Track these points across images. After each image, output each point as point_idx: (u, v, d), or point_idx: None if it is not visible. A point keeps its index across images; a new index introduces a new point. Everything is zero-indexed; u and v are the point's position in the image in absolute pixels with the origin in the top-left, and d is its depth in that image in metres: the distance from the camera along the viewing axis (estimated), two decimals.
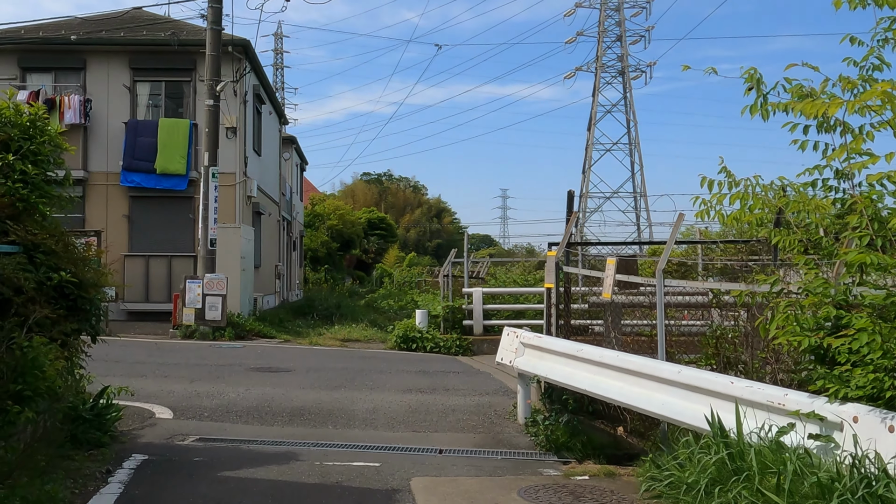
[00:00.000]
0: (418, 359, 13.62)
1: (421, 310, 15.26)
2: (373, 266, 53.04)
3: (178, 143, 19.15)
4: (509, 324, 15.30)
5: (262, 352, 14.05)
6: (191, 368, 11.47)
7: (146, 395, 9.12)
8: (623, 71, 67.83)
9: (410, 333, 14.76)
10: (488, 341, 14.77)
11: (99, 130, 19.57)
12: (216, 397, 9.13)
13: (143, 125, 19.28)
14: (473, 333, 14.86)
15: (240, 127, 19.61)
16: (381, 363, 12.77)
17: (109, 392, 7.49)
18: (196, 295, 15.91)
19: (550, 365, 7.19)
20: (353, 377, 11.02)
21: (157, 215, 19.57)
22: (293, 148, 32.05)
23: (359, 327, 18.31)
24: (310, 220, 43.14)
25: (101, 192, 19.55)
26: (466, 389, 10.25)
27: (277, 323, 18.49)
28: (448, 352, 14.48)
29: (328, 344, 15.67)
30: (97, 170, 19.53)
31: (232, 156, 19.53)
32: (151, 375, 10.73)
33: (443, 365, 12.85)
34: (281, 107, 27.40)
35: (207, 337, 15.79)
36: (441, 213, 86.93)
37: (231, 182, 19.50)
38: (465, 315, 15.10)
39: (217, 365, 11.95)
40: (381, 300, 31.18)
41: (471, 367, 12.70)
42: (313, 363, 12.50)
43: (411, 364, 12.80)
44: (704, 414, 5.07)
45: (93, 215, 19.44)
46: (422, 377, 11.24)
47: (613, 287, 7.33)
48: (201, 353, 13.63)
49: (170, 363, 12.05)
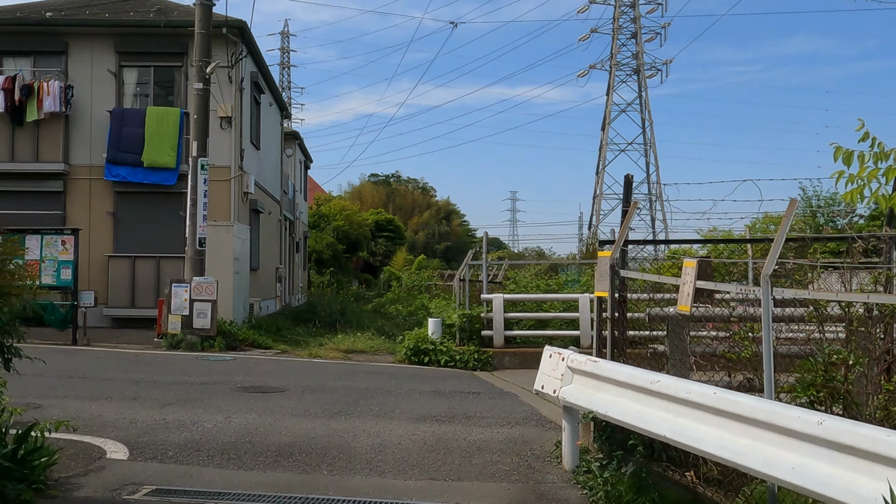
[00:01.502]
0: (432, 375, 11.92)
1: (433, 318, 13.54)
2: (380, 269, 51.38)
3: (167, 133, 17.53)
4: (535, 335, 13.64)
5: (254, 366, 12.37)
6: (167, 388, 9.80)
7: (102, 425, 7.45)
8: (638, 69, 66.03)
9: (422, 345, 13.06)
10: (510, 354, 13.07)
11: (81, 120, 17.96)
12: (188, 428, 7.45)
13: (130, 114, 17.67)
14: (493, 345, 13.15)
15: (235, 117, 17.97)
16: (390, 381, 11.07)
17: (43, 428, 5.84)
18: (183, 300, 14.25)
19: (611, 399, 5.47)
20: (357, 400, 9.32)
21: (145, 212, 17.96)
22: (296, 144, 30.43)
23: (364, 336, 16.62)
24: (315, 221, 41.51)
25: (84, 188, 17.94)
26: (492, 417, 8.54)
27: (275, 331, 16.82)
28: (465, 366, 12.77)
29: (330, 356, 13.98)
30: (79, 163, 17.92)
31: (226, 148, 17.90)
32: (118, 397, 9.06)
33: (460, 383, 11.15)
34: (283, 99, 25.77)
35: (195, 347, 14.13)
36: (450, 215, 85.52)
37: (225, 177, 17.86)
38: (483, 324, 13.40)
39: (199, 383, 10.27)
40: (388, 305, 29.51)
41: (493, 387, 10.99)
42: (311, 381, 10.82)
43: (424, 382, 11.11)
44: (882, 494, 3.35)
45: (74, 212, 17.83)
46: (437, 400, 9.53)
47: (689, 296, 5.63)
48: (184, 366, 11.96)
49: (145, 380, 10.39)
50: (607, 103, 66.19)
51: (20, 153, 17.64)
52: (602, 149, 65.79)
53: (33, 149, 17.68)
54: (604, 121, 66.61)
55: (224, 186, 17.89)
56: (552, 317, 13.39)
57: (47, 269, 14.96)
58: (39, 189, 17.73)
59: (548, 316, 13.45)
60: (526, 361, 13.00)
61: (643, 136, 66.14)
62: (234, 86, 18.01)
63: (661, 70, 67.81)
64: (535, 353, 13.51)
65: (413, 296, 34.58)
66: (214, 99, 17.36)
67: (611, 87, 66.20)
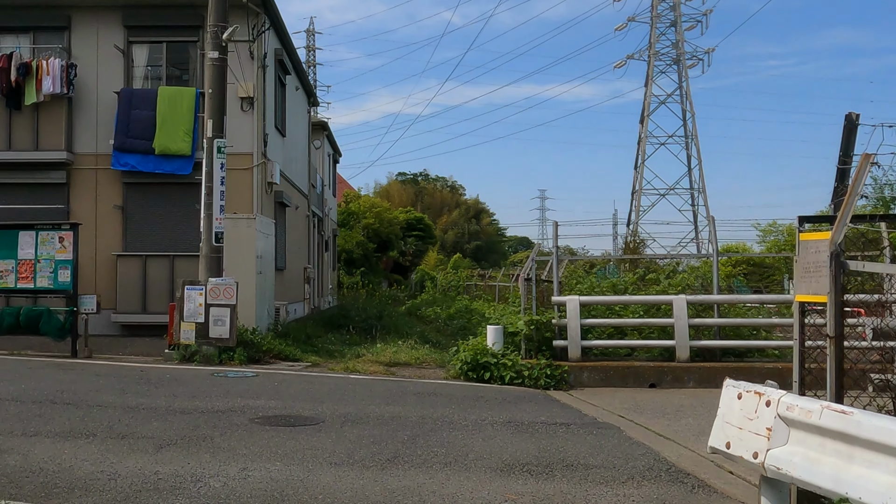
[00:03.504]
0: (498, 397, 9.67)
1: (494, 326, 11.28)
2: (410, 269, 49.30)
3: (181, 116, 15.48)
4: (617, 346, 11.35)
5: (280, 384, 10.22)
6: (169, 419, 7.67)
7: (69, 486, 5.32)
8: (678, 58, 63.18)
9: (481, 358, 10.80)
10: (588, 369, 10.77)
11: (86, 102, 15.97)
12: (186, 491, 5.28)
13: (140, 95, 15.65)
14: (568, 358, 10.87)
15: (257, 97, 15.88)
16: (449, 406, 8.85)
17: None
18: (197, 306, 12.16)
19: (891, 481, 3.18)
20: (414, 437, 7.11)
21: (158, 206, 15.93)
22: (325, 136, 28.34)
23: (406, 345, 14.42)
24: (344, 219, 39.50)
25: (89, 179, 15.94)
26: (604, 467, 6.26)
27: (304, 340, 14.67)
28: (534, 384, 10.50)
29: (370, 371, 11.79)
30: (83, 151, 15.93)
31: (247, 133, 15.81)
32: (104, 434, 6.94)
33: (538, 409, 8.88)
34: (310, 84, 23.69)
35: (211, 360, 12.03)
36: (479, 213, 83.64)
37: (247, 165, 15.77)
38: (554, 333, 11.13)
39: (211, 410, 8.13)
40: (424, 307, 27.34)
41: (581, 414, 8.70)
42: (351, 406, 8.62)
43: (492, 407, 8.87)
44: None
45: (79, 206, 15.85)
46: (519, 436, 7.28)
47: None
48: (196, 386, 9.84)
49: (144, 407, 8.27)
50: (646, 95, 63.46)
51: (18, 141, 15.69)
52: (641, 142, 63.03)
53: (32, 136, 15.72)
54: (642, 113, 63.88)
55: (245, 176, 15.82)
56: (641, 323, 11.07)
57: (43, 269, 12.97)
58: (39, 181, 15.77)
59: (635, 322, 11.13)
60: (608, 378, 10.72)
61: (684, 128, 63.30)
62: (255, 62, 15.92)
63: (702, 59, 64.92)
64: (620, 369, 11.08)
65: (450, 297, 32.38)
66: (234, 76, 15.29)
67: (649, 78, 63.43)
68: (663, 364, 10.69)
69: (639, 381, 10.61)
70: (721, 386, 4.55)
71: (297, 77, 21.52)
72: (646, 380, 10.62)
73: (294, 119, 20.73)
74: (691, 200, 63.04)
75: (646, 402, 9.49)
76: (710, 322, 10.87)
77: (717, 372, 10.45)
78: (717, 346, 10.75)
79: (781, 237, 33.53)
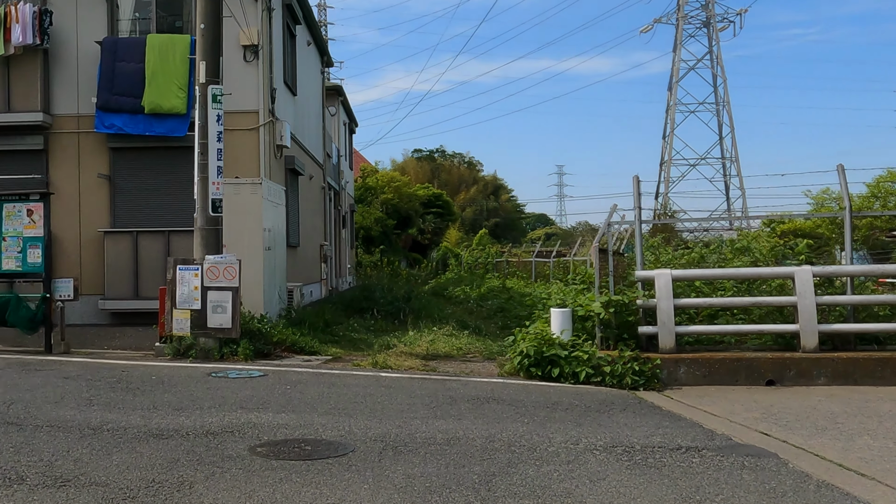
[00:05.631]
0: (579, 402, 7.38)
1: (560, 309, 8.97)
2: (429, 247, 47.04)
3: (174, 69, 13.23)
4: (722, 331, 9.00)
5: (294, 388, 8.00)
6: (139, 448, 5.47)
7: None
8: (708, 21, 60.13)
9: (548, 350, 8.50)
10: (686, 363, 8.44)
11: (64, 56, 13.75)
12: None
13: (126, 45, 13.40)
14: (660, 349, 8.55)
15: (263, 45, 13.59)
16: (521, 419, 6.59)
17: None
18: (192, 289, 9.96)
19: None
20: (488, 478, 4.86)
21: (150, 174, 13.75)
22: (339, 102, 26.02)
23: (443, 332, 12.21)
24: (361, 195, 37.23)
25: (70, 144, 13.75)
26: None
27: (322, 327, 12.46)
28: (618, 383, 8.20)
29: (404, 366, 9.56)
30: (63, 112, 13.73)
31: (252, 86, 13.55)
32: (35, 478, 4.75)
33: (641, 421, 6.60)
34: (324, 41, 21.31)
35: (211, 355, 9.85)
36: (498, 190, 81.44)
37: (252, 124, 13.53)
38: (637, 317, 8.82)
39: (198, 433, 5.93)
40: (451, 287, 25.05)
41: (704, 429, 6.38)
42: (388, 423, 6.39)
43: (578, 419, 6.60)
44: None
45: (59, 176, 13.68)
46: (642, 473, 5.01)
47: None
48: (187, 393, 7.64)
49: (110, 428, 6.08)
50: (674, 60, 60.52)
51: None
52: (669, 111, 60.21)
53: (3, 95, 13.54)
54: (671, 80, 61.03)
55: (250, 138, 13.57)
56: (753, 303, 8.66)
57: (9, 248, 10.82)
58: (12, 147, 13.59)
59: (745, 302, 8.71)
60: (711, 373, 8.41)
61: (714, 94, 60.38)
62: (259, 4, 13.61)
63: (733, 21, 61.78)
64: (727, 362, 8.23)
65: (477, 276, 30.11)
66: (235, 21, 13.02)
67: (678, 43, 60.48)
68: (783, 355, 8.34)
69: (752, 378, 8.29)
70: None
71: (309, 30, 19.17)
72: (761, 375, 8.30)
73: (306, 78, 18.42)
74: (723, 170, 60.29)
75: (777, 409, 7.18)
76: (842, 300, 8.50)
77: (858, 365, 8.12)
78: (853, 330, 8.39)
79: (835, 204, 30.97)
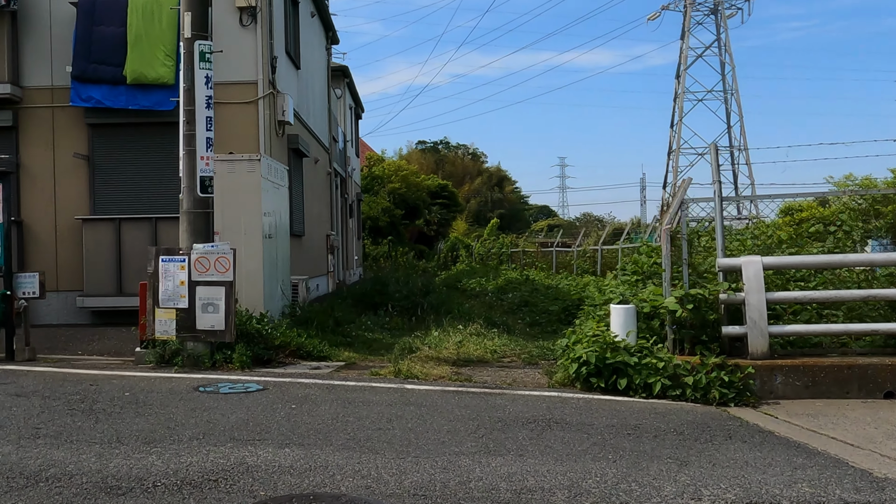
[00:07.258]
0: (665, 426, 5.78)
1: (622, 305, 7.38)
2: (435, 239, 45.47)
3: (160, 33, 11.64)
4: (827, 331, 7.38)
5: (301, 407, 6.39)
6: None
7: None
8: (716, 8, 58.35)
9: (612, 356, 6.92)
10: (783, 371, 6.84)
11: (36, 20, 12.13)
12: None
13: (105, 7, 11.78)
14: (750, 354, 6.95)
15: (261, 8, 11.97)
16: (601, 453, 5.00)
17: None
18: (178, 284, 8.37)
19: None
20: None
21: (134, 153, 12.15)
22: (345, 84, 24.36)
23: (469, 332, 10.61)
24: (367, 184, 35.62)
25: (44, 119, 12.15)
26: None
27: (331, 327, 10.86)
28: (703, 397, 6.61)
29: (433, 375, 7.96)
30: (35, 84, 12.13)
31: (249, 53, 11.94)
32: None
33: (767, 458, 4.99)
34: (329, 16, 19.65)
35: (200, 363, 8.26)
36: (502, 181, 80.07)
37: (250, 96, 11.93)
38: (720, 315, 7.23)
39: (171, 484, 4.33)
40: (465, 279, 23.46)
41: (858, 469, 4.77)
42: (428, 466, 4.78)
43: (675, 453, 5.01)
44: None
45: (31, 157, 12.09)
46: None
47: None
48: (164, 417, 6.04)
49: (48, 475, 4.49)
50: (682, 48, 58.80)
51: None
52: (677, 99, 58.47)
53: None
54: (678, 68, 59.33)
55: (248, 112, 11.97)
56: (866, 296, 7.02)
57: None
58: None
59: (858, 295, 7.08)
60: (816, 384, 6.79)
61: (723, 82, 58.61)
62: None
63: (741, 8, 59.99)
64: (834, 370, 6.36)
65: (491, 267, 28.51)
66: None
67: (685, 30, 58.75)
68: None
69: (866, 389, 6.69)
70: None
71: (315, 4, 17.57)
72: (878, 386, 6.71)
73: (309, 53, 16.80)
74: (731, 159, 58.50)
75: None
76: None
77: None
78: None
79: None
